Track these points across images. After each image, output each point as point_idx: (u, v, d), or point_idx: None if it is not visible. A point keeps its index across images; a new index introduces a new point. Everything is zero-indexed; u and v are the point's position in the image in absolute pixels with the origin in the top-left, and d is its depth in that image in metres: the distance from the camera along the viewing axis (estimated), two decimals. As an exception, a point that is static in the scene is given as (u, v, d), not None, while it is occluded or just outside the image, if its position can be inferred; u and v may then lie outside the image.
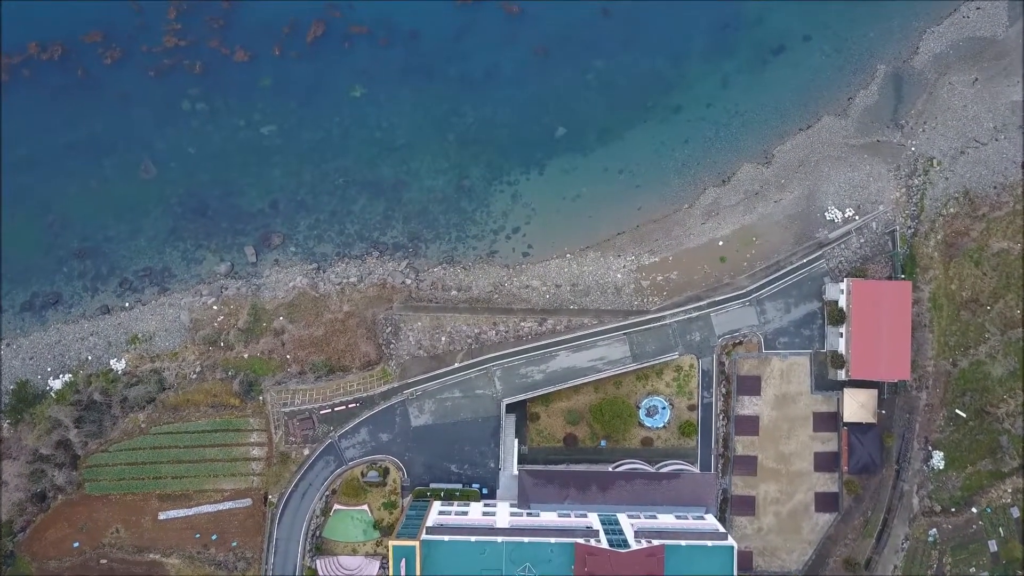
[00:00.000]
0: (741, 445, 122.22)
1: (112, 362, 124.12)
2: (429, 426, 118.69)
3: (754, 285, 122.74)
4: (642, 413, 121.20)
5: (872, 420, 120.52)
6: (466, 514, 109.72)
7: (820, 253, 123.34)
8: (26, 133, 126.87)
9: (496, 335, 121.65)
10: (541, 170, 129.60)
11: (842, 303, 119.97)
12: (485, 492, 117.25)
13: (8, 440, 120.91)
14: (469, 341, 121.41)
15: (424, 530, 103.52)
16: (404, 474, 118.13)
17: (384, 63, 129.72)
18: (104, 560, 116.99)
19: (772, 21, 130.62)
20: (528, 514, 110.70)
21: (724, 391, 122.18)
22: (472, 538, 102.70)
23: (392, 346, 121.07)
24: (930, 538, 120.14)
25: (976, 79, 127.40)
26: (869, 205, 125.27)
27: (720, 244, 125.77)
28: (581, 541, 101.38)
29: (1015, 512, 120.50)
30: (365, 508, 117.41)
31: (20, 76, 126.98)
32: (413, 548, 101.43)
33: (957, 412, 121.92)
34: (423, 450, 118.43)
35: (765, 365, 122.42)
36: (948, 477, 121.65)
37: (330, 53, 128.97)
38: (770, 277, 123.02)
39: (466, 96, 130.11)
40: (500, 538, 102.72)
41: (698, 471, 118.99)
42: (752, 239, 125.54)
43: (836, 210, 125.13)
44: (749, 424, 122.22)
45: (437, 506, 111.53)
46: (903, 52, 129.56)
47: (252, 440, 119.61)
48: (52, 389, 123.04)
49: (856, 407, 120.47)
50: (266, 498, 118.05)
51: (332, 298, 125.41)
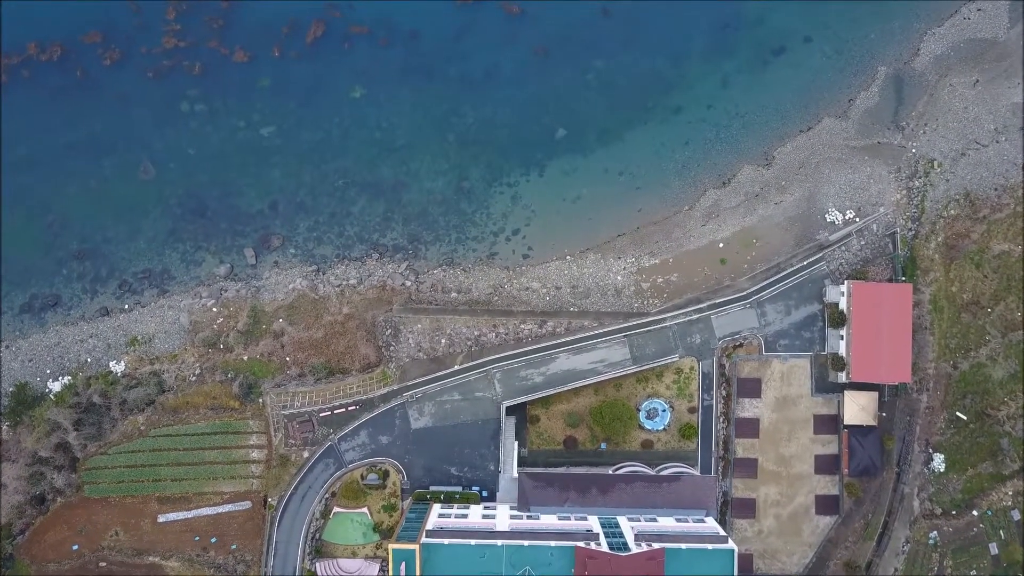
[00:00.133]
0: (741, 447, 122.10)
1: (111, 364, 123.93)
2: (429, 428, 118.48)
3: (754, 287, 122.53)
4: (642, 416, 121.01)
5: (873, 422, 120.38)
6: (466, 517, 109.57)
7: (820, 255, 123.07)
8: (25, 134, 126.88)
9: (496, 337, 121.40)
10: (541, 171, 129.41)
11: (843, 305, 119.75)
12: (485, 495, 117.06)
13: (7, 442, 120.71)
14: (469, 343, 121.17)
15: (424, 533, 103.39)
16: (404, 477, 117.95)
17: (384, 63, 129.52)
18: (103, 563, 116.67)
19: (773, 22, 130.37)
20: (528, 517, 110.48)
21: (724, 393, 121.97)
22: (472, 541, 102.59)
23: (392, 348, 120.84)
24: (931, 541, 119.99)
25: (977, 81, 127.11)
26: (870, 207, 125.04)
27: (720, 246, 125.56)
28: (581, 544, 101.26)
29: (1016, 515, 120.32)
30: (365, 511, 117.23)
31: (19, 76, 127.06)
32: (413, 551, 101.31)
33: (958, 415, 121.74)
34: (423, 453, 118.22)
35: (765, 367, 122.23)
36: (949, 480, 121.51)
37: (330, 54, 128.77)
38: (770, 279, 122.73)
39: (466, 97, 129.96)
40: (500, 541, 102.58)
41: (698, 474, 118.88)
42: (752, 241, 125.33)
43: (837, 212, 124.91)
44: (749, 426, 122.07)
45: (437, 509, 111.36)
46: (904, 54, 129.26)
47: (252, 443, 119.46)
48: (51, 391, 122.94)
49: (857, 409, 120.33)
50: (266, 501, 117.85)
51: (332, 300, 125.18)
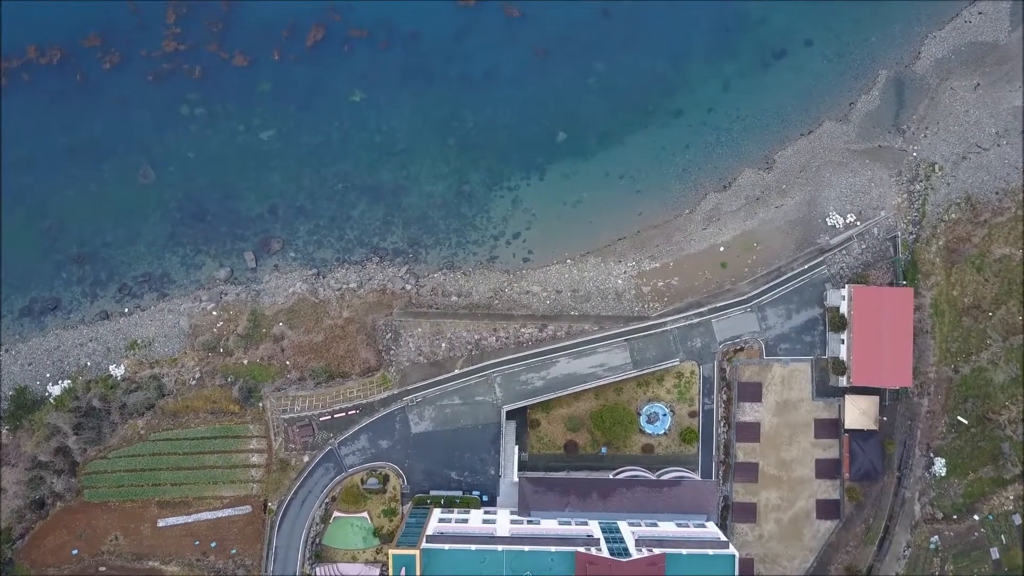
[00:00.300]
0: (742, 452, 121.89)
1: (111, 368, 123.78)
2: (429, 433, 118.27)
3: (755, 291, 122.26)
4: (643, 420, 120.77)
5: (873, 427, 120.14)
6: (466, 522, 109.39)
7: (821, 259, 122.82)
8: (25, 137, 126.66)
9: (496, 341, 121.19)
10: (542, 175, 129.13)
11: (843, 309, 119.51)
12: (485, 499, 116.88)
13: (7, 447, 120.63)
14: (469, 347, 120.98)
15: (424, 538, 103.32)
16: (404, 481, 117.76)
17: (384, 66, 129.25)
18: (103, 567, 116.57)
19: (773, 24, 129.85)
20: (528, 521, 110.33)
21: (725, 397, 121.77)
22: (472, 546, 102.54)
23: (392, 352, 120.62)
24: (932, 545, 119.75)
25: (978, 84, 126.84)
26: (871, 211, 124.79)
27: (721, 250, 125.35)
28: (582, 550, 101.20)
29: (1017, 519, 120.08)
30: (365, 515, 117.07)
31: (19, 80, 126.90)
32: (413, 557, 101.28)
33: (959, 419, 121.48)
34: (423, 457, 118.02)
35: (766, 371, 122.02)
36: (950, 484, 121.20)
37: (330, 57, 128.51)
38: (771, 283, 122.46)
39: (466, 100, 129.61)
40: (500, 546, 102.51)
41: (699, 478, 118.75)
42: (753, 245, 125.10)
43: (837, 216, 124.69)
44: (750, 431, 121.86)
45: (437, 513, 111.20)
46: (905, 57, 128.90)
47: (251, 447, 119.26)
48: (51, 395, 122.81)
49: (857, 414, 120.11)
50: (265, 505, 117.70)
51: (332, 304, 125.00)
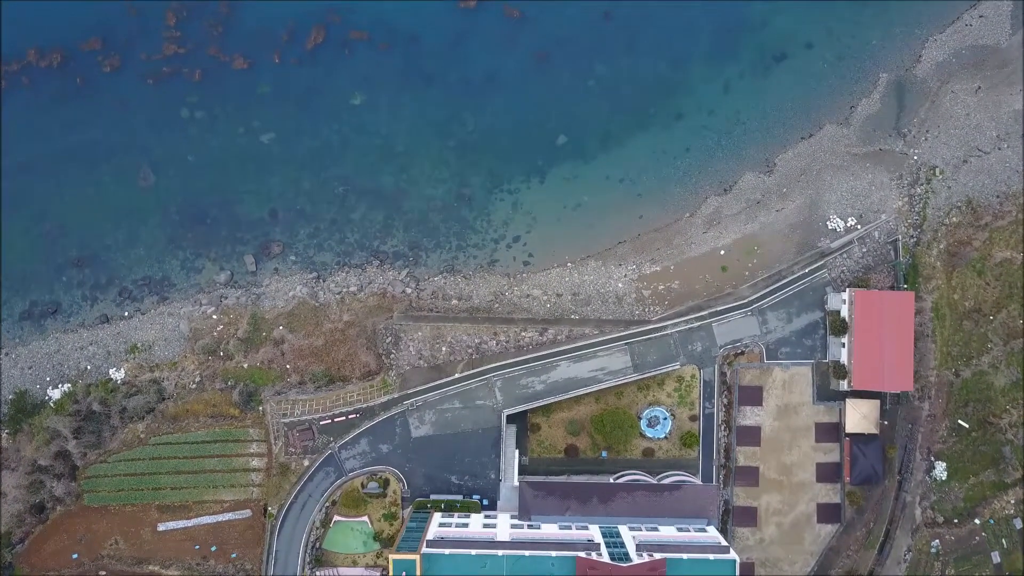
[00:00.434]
0: (743, 456, 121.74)
1: (111, 372, 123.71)
2: (429, 437, 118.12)
3: (756, 295, 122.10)
4: (643, 424, 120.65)
5: (874, 431, 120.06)
6: (467, 526, 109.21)
7: (822, 263, 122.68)
8: (25, 140, 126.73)
9: (497, 345, 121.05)
10: (542, 178, 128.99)
11: (844, 313, 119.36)
12: (486, 503, 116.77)
13: (7, 451, 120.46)
14: (470, 351, 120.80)
15: (424, 543, 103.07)
16: (404, 485, 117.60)
17: (384, 69, 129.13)
18: (103, 572, 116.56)
19: (774, 28, 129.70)
20: (529, 526, 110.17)
21: (726, 401, 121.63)
22: (473, 551, 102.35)
23: (392, 356, 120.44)
24: (933, 549, 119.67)
25: (979, 87, 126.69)
26: (871, 214, 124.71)
27: (722, 253, 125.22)
28: (582, 555, 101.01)
29: (1018, 523, 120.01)
30: (365, 519, 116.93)
31: (19, 83, 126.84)
32: (414, 562, 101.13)
33: (960, 423, 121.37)
34: (423, 461, 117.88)
35: (767, 375, 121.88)
36: (951, 488, 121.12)
37: (330, 60, 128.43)
38: (772, 287, 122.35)
39: (466, 103, 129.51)
40: (501, 551, 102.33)
41: (700, 482, 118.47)
42: (754, 248, 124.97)
43: (838, 219, 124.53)
44: (751, 435, 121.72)
45: (437, 518, 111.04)
46: (905, 60, 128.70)
47: (252, 451, 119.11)
48: (51, 399, 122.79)
49: (858, 418, 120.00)
50: (266, 509, 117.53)
51: (332, 307, 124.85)
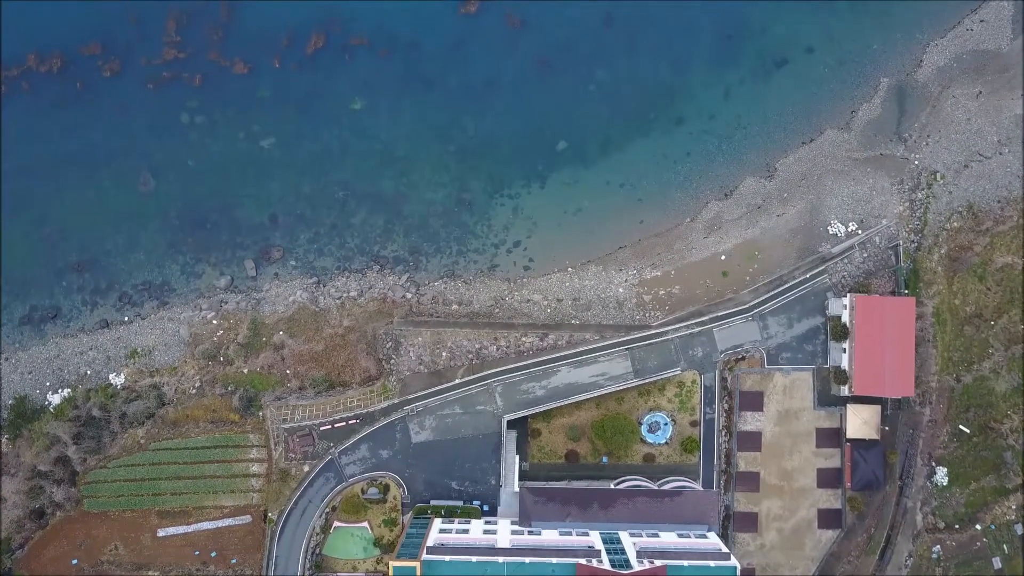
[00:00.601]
0: (743, 461, 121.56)
1: (111, 377, 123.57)
2: (430, 442, 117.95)
3: (757, 300, 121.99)
4: (644, 429, 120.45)
5: (875, 436, 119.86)
6: (467, 532, 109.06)
7: (823, 268, 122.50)
8: (24, 145, 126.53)
9: (497, 350, 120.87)
10: (542, 183, 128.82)
11: (845, 318, 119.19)
12: (486, 509, 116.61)
13: (7, 456, 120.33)
14: (470, 356, 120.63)
15: (425, 550, 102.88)
16: (404, 491, 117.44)
17: (384, 74, 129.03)
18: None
19: (775, 32, 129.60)
20: (529, 532, 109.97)
21: (726, 407, 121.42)
22: (473, 558, 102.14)
23: (392, 361, 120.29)
24: (934, 555, 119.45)
25: (980, 92, 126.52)
26: (872, 219, 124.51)
27: (722, 258, 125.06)
28: (583, 561, 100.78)
29: (1019, 529, 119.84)
30: (365, 525, 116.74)
31: (19, 88, 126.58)
32: (414, 568, 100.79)
33: (961, 428, 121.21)
34: (424, 467, 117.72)
35: (768, 381, 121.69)
36: (952, 494, 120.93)
37: (330, 65, 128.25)
38: (773, 292, 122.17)
39: (466, 108, 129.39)
40: (501, 558, 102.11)
41: (700, 488, 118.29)
42: (755, 253, 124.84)
43: (839, 224, 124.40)
44: (751, 440, 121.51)
45: (438, 524, 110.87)
46: (906, 65, 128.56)
47: (252, 456, 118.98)
48: (51, 404, 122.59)
49: (859, 423, 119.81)
50: (266, 515, 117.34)
51: (332, 312, 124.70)
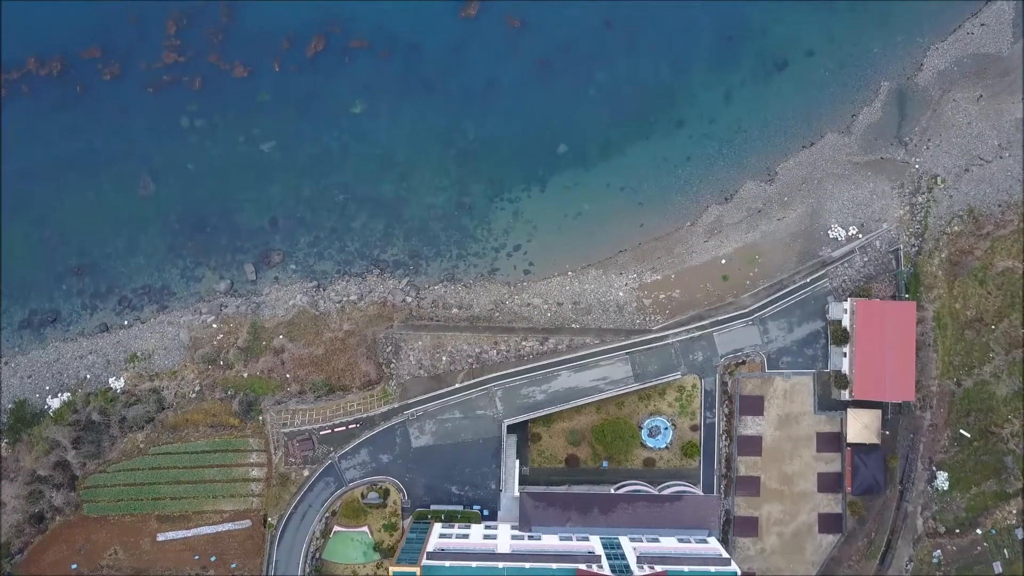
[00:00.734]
0: (744, 465, 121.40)
1: (111, 381, 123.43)
2: (430, 447, 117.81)
3: (757, 304, 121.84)
4: (644, 434, 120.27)
5: (876, 440, 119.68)
6: (467, 537, 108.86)
7: (823, 272, 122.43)
8: (24, 148, 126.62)
9: (497, 355, 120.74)
10: (542, 187, 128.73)
11: (846, 323, 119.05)
12: (486, 514, 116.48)
13: (6, 460, 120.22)
14: (470, 361, 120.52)
15: (425, 555, 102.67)
16: (404, 495, 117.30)
17: (384, 77, 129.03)
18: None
19: (775, 35, 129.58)
20: (529, 537, 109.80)
21: (727, 411, 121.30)
22: (473, 563, 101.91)
23: (392, 366, 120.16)
24: (934, 560, 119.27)
25: (980, 96, 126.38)
26: (873, 223, 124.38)
27: (723, 262, 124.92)
28: (583, 567, 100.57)
29: (1020, 533, 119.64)
30: (365, 530, 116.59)
31: (19, 91, 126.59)
32: (414, 574, 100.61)
33: (962, 432, 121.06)
34: (424, 471, 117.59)
35: (768, 385, 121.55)
36: (952, 498, 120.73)
37: (330, 68, 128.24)
38: (773, 296, 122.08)
39: (467, 111, 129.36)
40: (501, 563, 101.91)
41: (701, 493, 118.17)
42: (755, 257, 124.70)
43: (839, 228, 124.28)
44: (752, 444, 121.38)
45: (438, 529, 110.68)
46: (907, 69, 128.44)
47: (251, 461, 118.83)
48: (50, 408, 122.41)
49: (860, 427, 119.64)
50: (265, 519, 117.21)
51: (332, 316, 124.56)
